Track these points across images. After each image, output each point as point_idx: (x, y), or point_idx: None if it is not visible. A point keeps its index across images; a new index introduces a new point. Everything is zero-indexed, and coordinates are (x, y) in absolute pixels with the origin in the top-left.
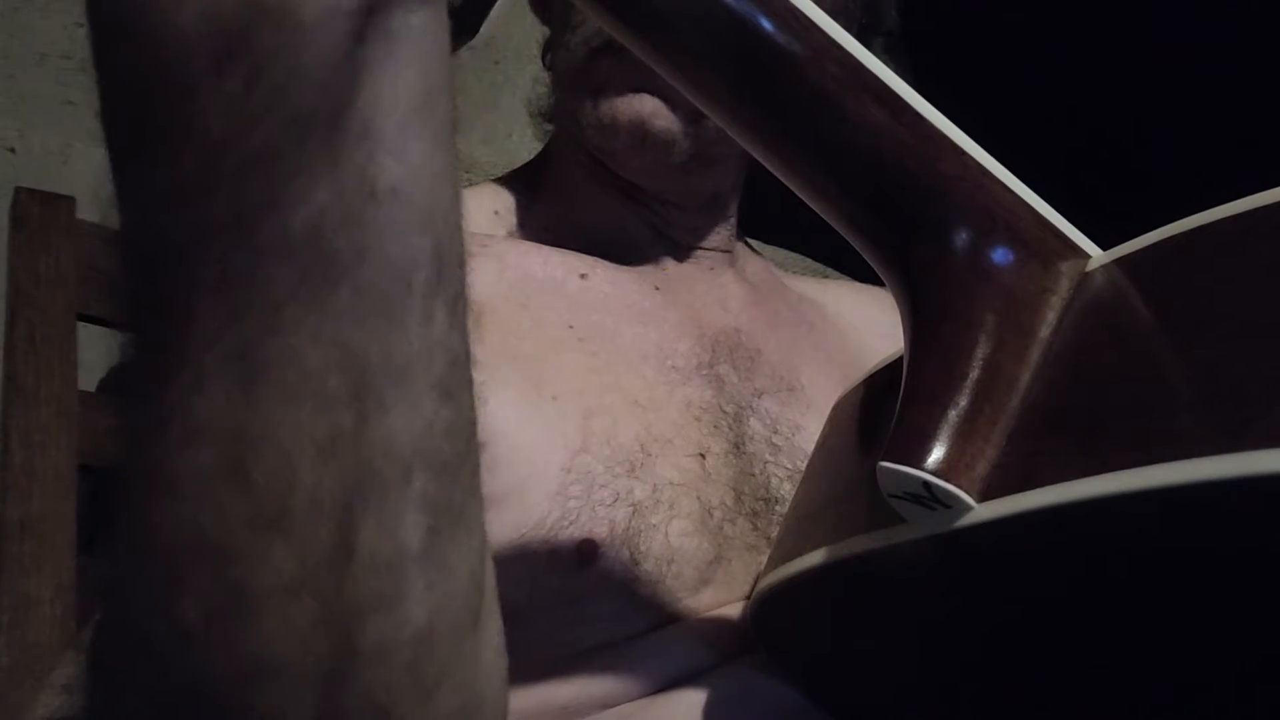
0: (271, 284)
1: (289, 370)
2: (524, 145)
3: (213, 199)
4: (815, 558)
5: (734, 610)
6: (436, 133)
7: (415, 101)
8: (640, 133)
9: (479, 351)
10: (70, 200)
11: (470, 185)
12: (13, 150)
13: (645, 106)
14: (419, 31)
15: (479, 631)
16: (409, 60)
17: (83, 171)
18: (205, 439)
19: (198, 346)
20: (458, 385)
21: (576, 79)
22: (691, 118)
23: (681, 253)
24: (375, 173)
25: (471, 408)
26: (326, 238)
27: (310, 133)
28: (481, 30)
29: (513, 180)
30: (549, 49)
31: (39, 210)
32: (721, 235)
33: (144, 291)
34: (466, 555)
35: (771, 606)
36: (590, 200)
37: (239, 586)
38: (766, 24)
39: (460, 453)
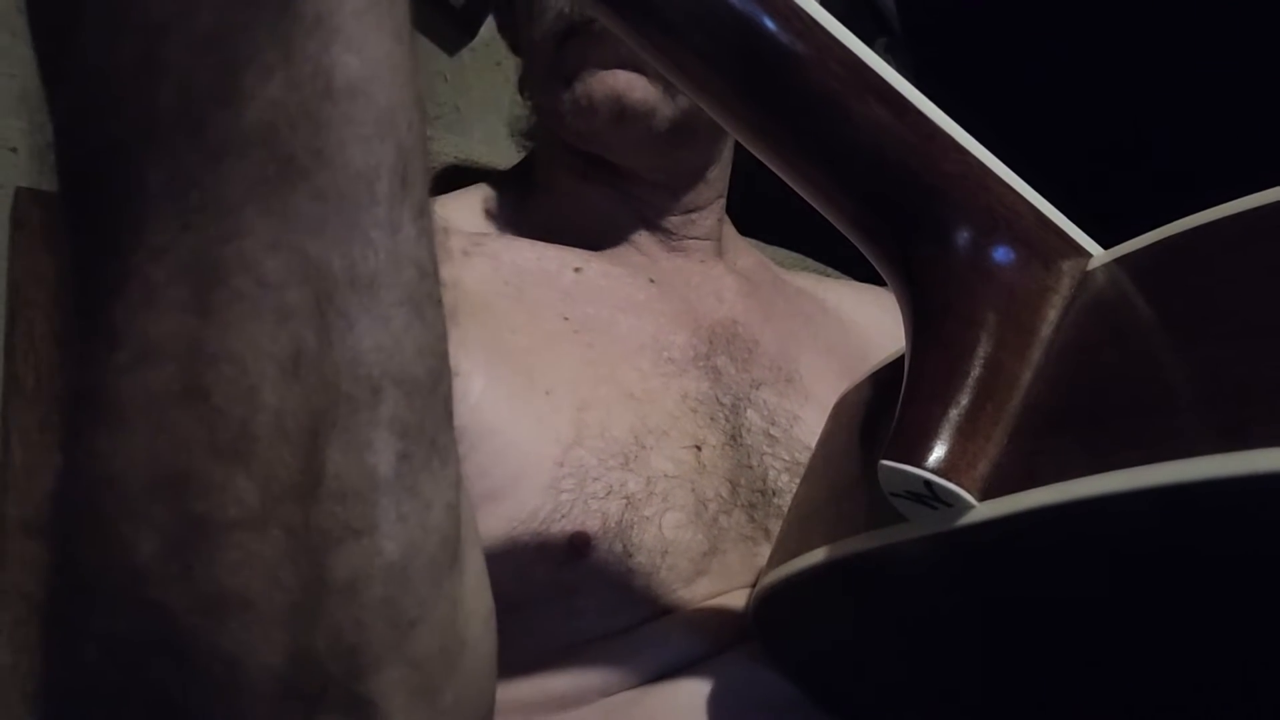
0: (224, 186)
1: (246, 281)
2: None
3: (156, 90)
4: (816, 556)
5: (730, 599)
6: (396, 28)
7: None
8: (618, 107)
9: (473, 344)
10: None
11: (466, 186)
12: (14, 150)
13: (620, 81)
14: None
15: (458, 570)
16: None
17: None
18: (158, 359)
19: (146, 257)
20: (427, 300)
21: (549, 71)
22: (669, 87)
23: (671, 240)
24: (331, 66)
25: (442, 325)
26: (282, 136)
27: (260, 18)
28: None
29: (504, 180)
30: (524, 77)
31: (40, 210)
32: (710, 221)
33: (83, 202)
34: (441, 486)
35: (772, 604)
36: (579, 197)
37: (199, 517)
38: (769, 23)
39: (432, 372)
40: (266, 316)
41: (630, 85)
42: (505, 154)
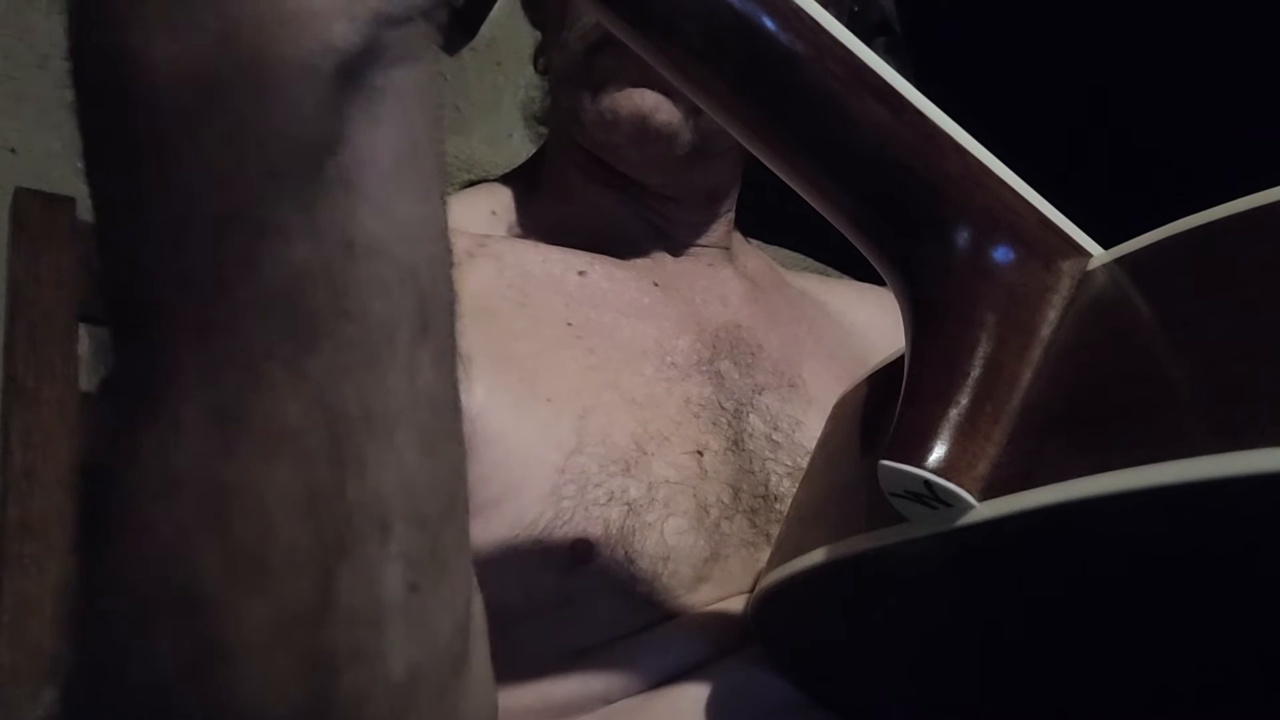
0: (251, 341)
1: (269, 427)
2: (524, 146)
3: (190, 252)
4: (816, 556)
5: (732, 604)
6: (422, 187)
7: (398, 157)
8: (642, 127)
9: (476, 352)
10: (71, 201)
11: (470, 185)
12: (14, 151)
13: (646, 101)
14: (401, 88)
15: (462, 678)
16: (391, 117)
17: None
18: (183, 490)
19: (177, 398)
20: (442, 436)
21: (575, 76)
22: (693, 111)
23: (680, 249)
24: (356, 229)
25: (459, 457)
26: (306, 295)
27: (288, 189)
28: (482, 31)
29: (510, 180)
30: (541, 52)
31: (40, 211)
32: (720, 231)
33: (125, 334)
34: (450, 607)
35: (772, 605)
36: (588, 198)
37: (215, 638)
38: (769, 23)
39: (444, 505)
40: (286, 458)
41: (656, 107)
42: (505, 154)
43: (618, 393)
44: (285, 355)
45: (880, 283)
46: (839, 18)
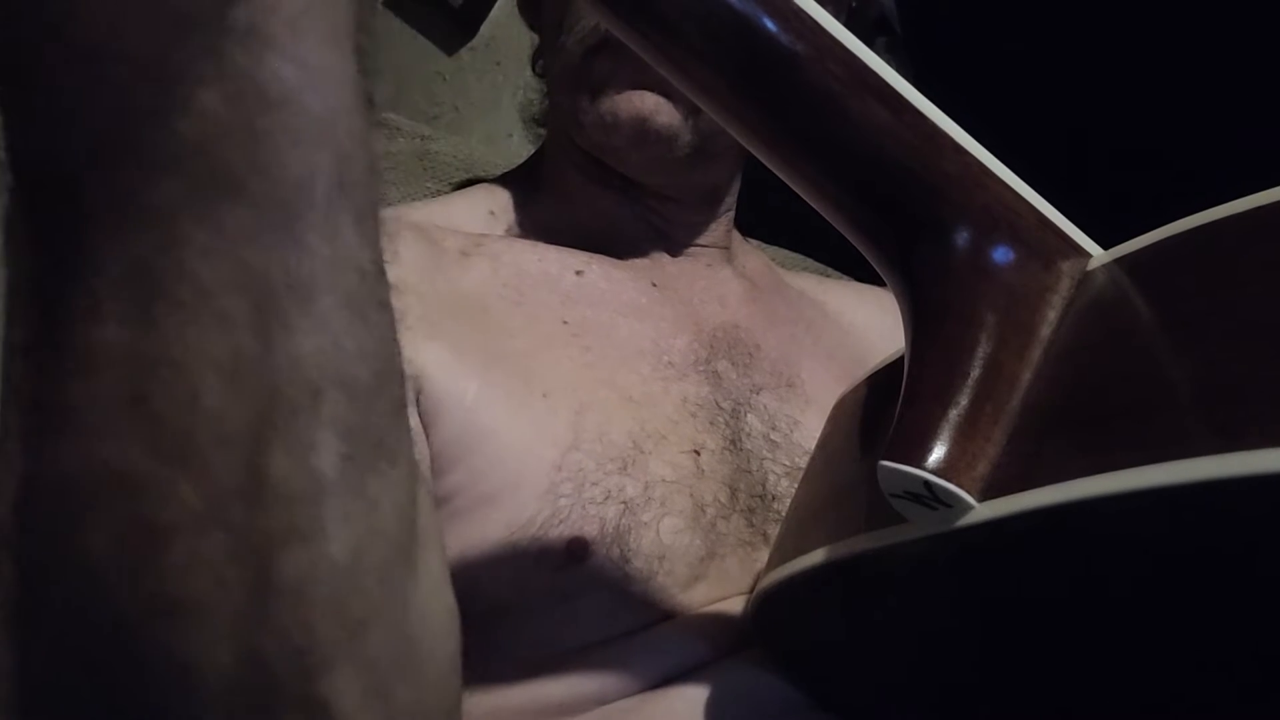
0: (160, 198)
1: (185, 290)
2: (524, 145)
3: (94, 109)
4: (816, 557)
5: (729, 605)
6: (333, 34)
7: (305, 3)
8: (642, 129)
9: (470, 348)
10: None
11: (469, 185)
12: None
13: (646, 103)
14: None
15: (412, 572)
16: None
17: None
18: (103, 367)
19: (90, 269)
20: (369, 303)
21: (574, 78)
22: (692, 112)
23: (679, 249)
24: (265, 77)
25: (388, 327)
26: (216, 147)
27: (191, 32)
28: (482, 31)
29: (508, 180)
30: (539, 54)
31: None
32: (719, 231)
33: (30, 215)
34: (390, 487)
35: (772, 605)
36: (586, 198)
37: (145, 520)
38: (769, 24)
39: (377, 374)
40: (205, 324)
41: (656, 109)
42: (505, 154)
43: (614, 391)
44: (197, 211)
45: (880, 283)
46: (838, 16)
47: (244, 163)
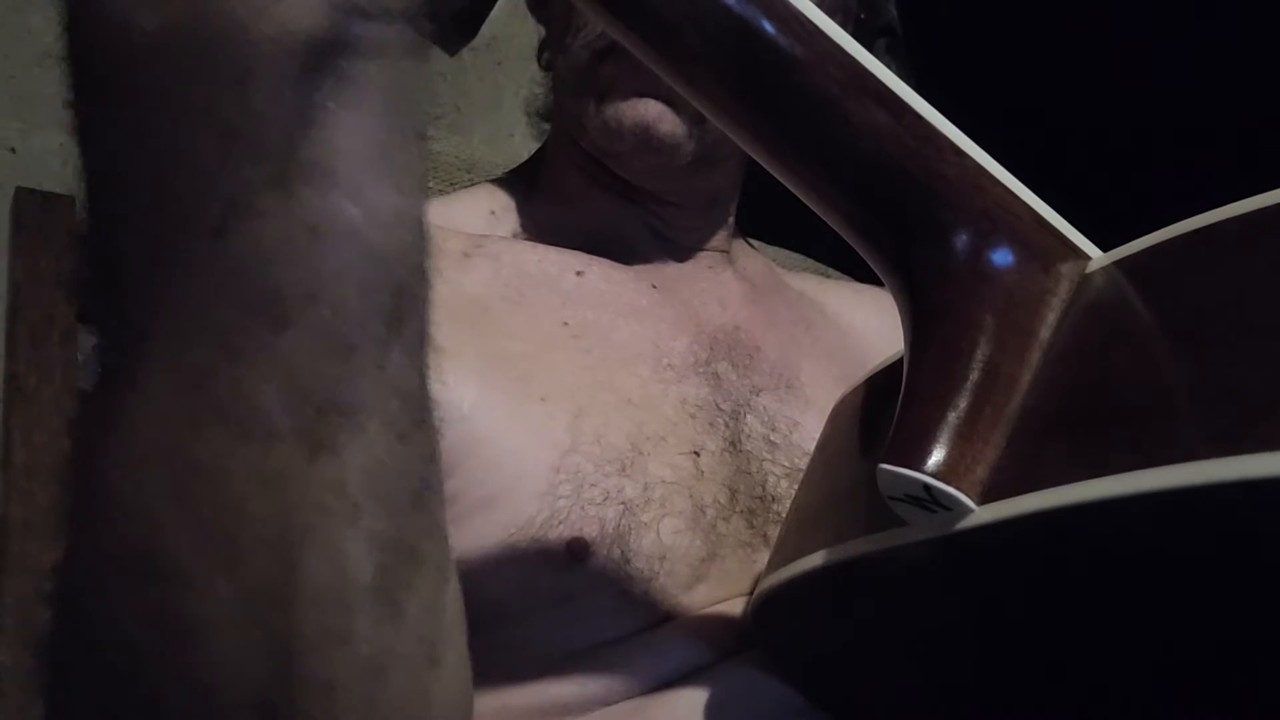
0: (218, 316)
1: (238, 405)
2: (525, 145)
3: (161, 225)
4: (815, 559)
5: (730, 607)
6: (398, 179)
7: (373, 147)
8: (645, 137)
9: (469, 350)
10: (71, 200)
11: (470, 185)
12: (13, 150)
13: (650, 111)
14: (375, 81)
15: (436, 669)
16: (365, 107)
17: None
18: (152, 463)
19: (151, 369)
20: (412, 424)
21: (580, 82)
22: (696, 120)
23: (679, 252)
24: (329, 213)
25: (429, 444)
26: (275, 274)
27: (262, 161)
28: (482, 31)
29: (510, 180)
30: (545, 48)
31: (40, 210)
32: (719, 234)
33: (100, 304)
34: (420, 591)
35: (772, 607)
36: (587, 200)
37: (183, 612)
38: (768, 27)
39: (414, 491)
40: (255, 438)
41: (660, 117)
42: (505, 154)
43: (613, 393)
44: (253, 333)
45: (879, 284)
46: (844, 25)
47: (302, 292)
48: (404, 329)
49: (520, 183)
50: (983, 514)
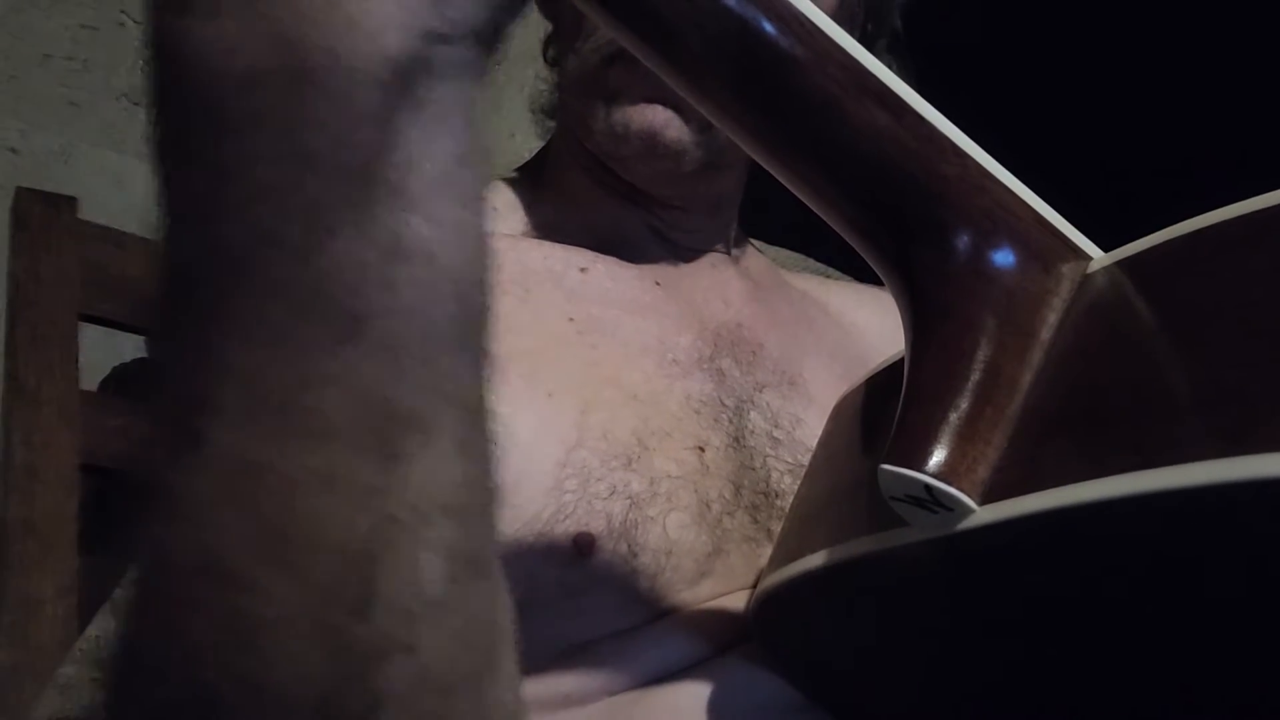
0: (294, 328)
1: (312, 416)
2: (527, 145)
3: (243, 244)
4: (816, 559)
5: (733, 601)
6: (466, 196)
7: (446, 166)
8: (652, 143)
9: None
10: (72, 200)
11: None
12: (14, 150)
13: (658, 117)
14: (448, 102)
15: (494, 675)
16: (439, 128)
17: (84, 172)
18: (233, 476)
19: (224, 378)
20: (477, 435)
21: (588, 85)
22: (703, 127)
23: (683, 251)
24: (405, 232)
25: (489, 457)
26: (349, 289)
27: (340, 182)
28: None
29: (514, 178)
30: (550, 44)
31: (41, 211)
32: (723, 235)
33: (176, 312)
34: (483, 599)
35: (773, 607)
36: (592, 200)
37: (243, 611)
38: (769, 27)
39: (479, 500)
40: (329, 447)
41: (666, 124)
42: (507, 153)
43: (619, 389)
44: (327, 345)
45: (881, 284)
46: (851, 34)
47: (375, 307)
48: (472, 341)
49: (523, 181)
50: (984, 514)
